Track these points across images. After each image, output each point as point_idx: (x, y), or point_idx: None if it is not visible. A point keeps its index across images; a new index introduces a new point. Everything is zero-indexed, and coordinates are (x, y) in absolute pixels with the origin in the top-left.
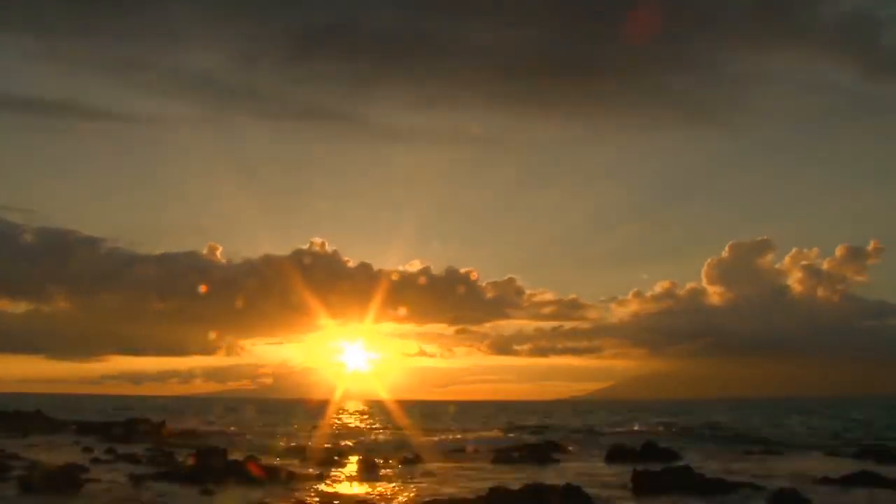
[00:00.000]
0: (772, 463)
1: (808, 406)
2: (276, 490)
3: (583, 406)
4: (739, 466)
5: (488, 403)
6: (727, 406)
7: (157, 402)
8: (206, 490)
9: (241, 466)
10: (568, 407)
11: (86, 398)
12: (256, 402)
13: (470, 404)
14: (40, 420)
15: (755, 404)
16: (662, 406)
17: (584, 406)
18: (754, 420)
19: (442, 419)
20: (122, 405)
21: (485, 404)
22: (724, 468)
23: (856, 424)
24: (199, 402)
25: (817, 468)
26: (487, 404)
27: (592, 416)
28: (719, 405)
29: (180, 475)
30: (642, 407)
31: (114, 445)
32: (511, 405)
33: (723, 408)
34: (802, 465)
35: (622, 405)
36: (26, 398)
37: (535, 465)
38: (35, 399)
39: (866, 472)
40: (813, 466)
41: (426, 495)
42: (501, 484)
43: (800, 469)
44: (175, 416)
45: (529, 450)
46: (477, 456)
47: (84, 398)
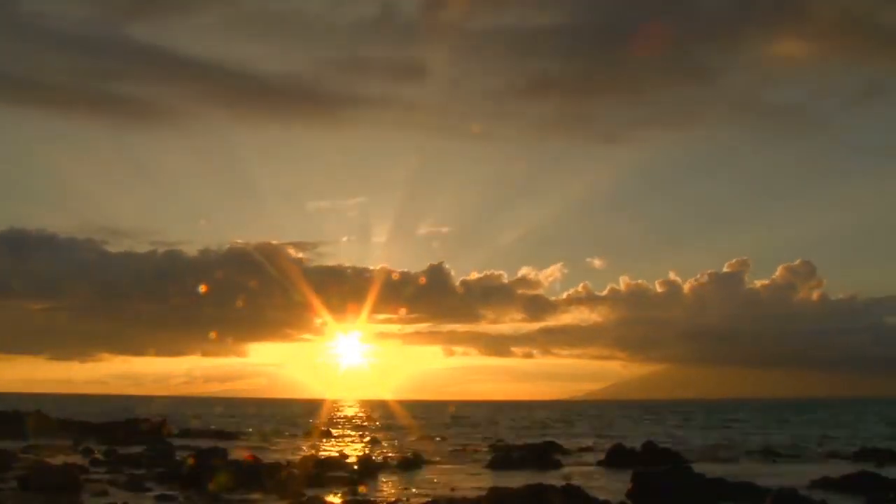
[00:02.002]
0: (772, 464)
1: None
2: (276, 490)
3: (581, 407)
4: (739, 468)
5: (489, 404)
6: (727, 406)
7: (158, 402)
8: (206, 491)
9: (242, 467)
10: (568, 407)
11: (86, 398)
12: (256, 402)
13: (470, 405)
14: (40, 420)
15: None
16: (662, 406)
17: (582, 407)
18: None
19: (442, 420)
20: (123, 405)
21: (485, 405)
22: (723, 470)
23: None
24: (199, 403)
25: (817, 469)
26: (488, 405)
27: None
28: (718, 406)
29: (180, 476)
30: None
31: (114, 446)
32: (511, 405)
33: (723, 408)
34: (802, 466)
35: (624, 405)
36: (26, 398)
37: (535, 466)
38: (35, 399)
39: (866, 472)
40: (813, 467)
41: (426, 495)
42: (501, 484)
43: (800, 470)
44: (175, 416)
45: (529, 450)
46: (477, 456)
47: (84, 398)
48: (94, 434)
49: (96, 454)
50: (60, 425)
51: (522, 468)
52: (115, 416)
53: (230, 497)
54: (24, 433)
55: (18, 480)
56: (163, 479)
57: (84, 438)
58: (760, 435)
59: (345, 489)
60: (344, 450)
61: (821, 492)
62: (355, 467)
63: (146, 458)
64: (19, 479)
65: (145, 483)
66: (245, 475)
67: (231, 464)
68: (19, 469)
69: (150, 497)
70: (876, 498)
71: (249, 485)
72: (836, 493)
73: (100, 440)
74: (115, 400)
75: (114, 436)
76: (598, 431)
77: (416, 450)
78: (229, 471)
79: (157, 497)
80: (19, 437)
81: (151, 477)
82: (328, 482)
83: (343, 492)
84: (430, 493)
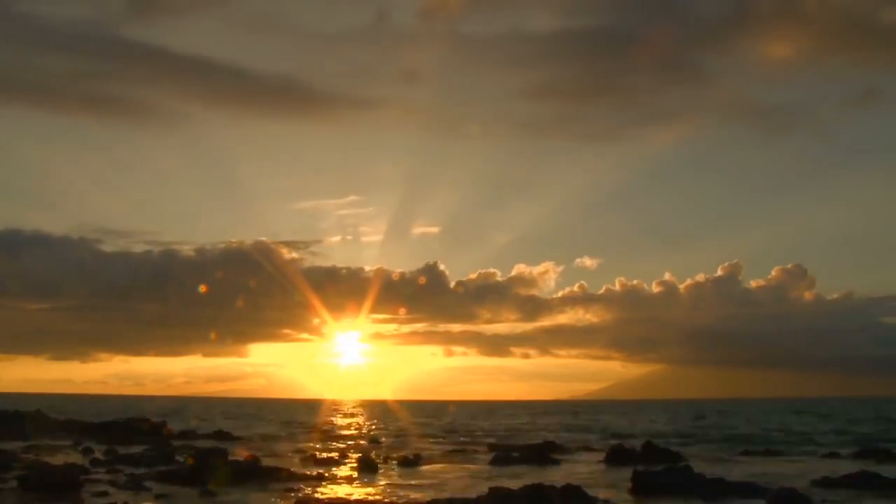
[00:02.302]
0: (772, 463)
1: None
2: (276, 490)
3: (581, 407)
4: (739, 467)
5: (488, 404)
6: (726, 407)
7: (158, 402)
8: (207, 491)
9: (242, 467)
10: (566, 408)
11: (86, 398)
12: (256, 402)
13: (469, 404)
14: (40, 420)
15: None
16: (661, 406)
17: (582, 407)
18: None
19: (441, 419)
20: (123, 405)
21: (484, 404)
22: (723, 469)
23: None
24: (200, 403)
25: (817, 469)
26: (487, 405)
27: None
28: (718, 406)
29: (180, 475)
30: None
31: (114, 446)
32: (511, 405)
33: (722, 409)
34: (802, 466)
35: (625, 406)
36: (26, 398)
37: (535, 466)
38: (35, 399)
39: (866, 472)
40: (813, 467)
41: (426, 495)
42: (501, 484)
43: (800, 469)
44: (175, 416)
45: (529, 450)
46: (476, 456)
47: (84, 398)
48: (94, 434)
49: (96, 454)
50: (60, 425)
51: (522, 468)
52: (115, 416)
53: (230, 497)
54: (25, 433)
55: (18, 480)
56: (163, 479)
57: (84, 438)
58: (760, 434)
59: (344, 488)
60: (343, 449)
61: (821, 491)
62: (355, 467)
63: (146, 458)
64: (19, 479)
65: (145, 483)
66: (245, 475)
67: (231, 463)
68: (19, 469)
69: (150, 497)
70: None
71: (249, 484)
72: (836, 492)
73: (100, 440)
74: (115, 400)
75: (114, 436)
76: (598, 431)
77: (416, 449)
78: (229, 470)
79: (157, 497)
80: (19, 437)
81: (151, 477)
82: (328, 481)
83: (343, 491)
84: (430, 493)
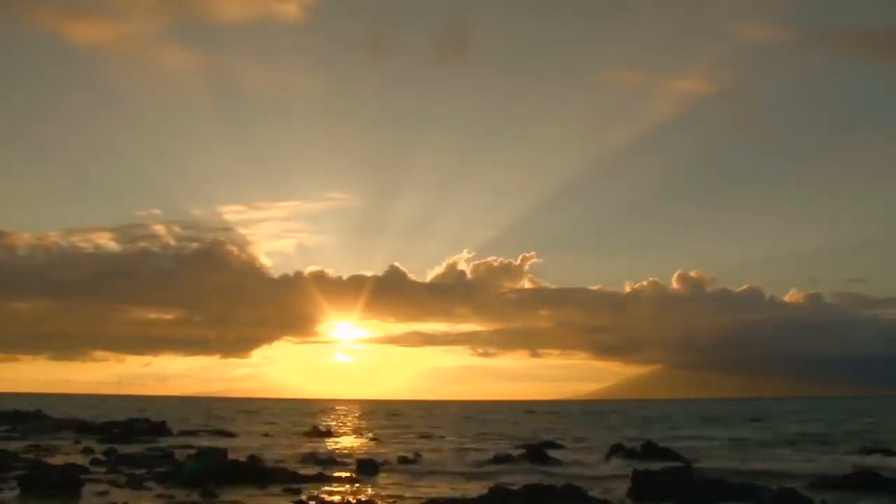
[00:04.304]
0: (773, 463)
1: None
2: (276, 490)
3: (580, 406)
4: (739, 467)
5: (487, 403)
6: (726, 407)
7: (158, 402)
8: (207, 491)
9: (242, 467)
10: (567, 407)
11: (86, 398)
12: (256, 401)
13: (469, 404)
14: (40, 420)
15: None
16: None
17: (582, 406)
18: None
19: (441, 419)
20: (123, 406)
21: (484, 404)
22: (723, 469)
23: None
24: (200, 402)
25: (818, 469)
26: (486, 404)
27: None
28: (718, 406)
29: (180, 475)
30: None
31: (114, 446)
32: (510, 405)
33: (722, 408)
34: (802, 465)
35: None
36: (26, 398)
37: (535, 466)
38: (35, 399)
39: (867, 472)
40: (813, 466)
41: (426, 495)
42: (501, 484)
43: (800, 469)
44: (175, 415)
45: (529, 450)
46: (476, 455)
47: (84, 398)
48: (94, 434)
49: (96, 454)
50: (60, 425)
51: (522, 468)
52: (115, 416)
53: (230, 497)
54: (25, 433)
55: (18, 480)
56: (163, 479)
57: (84, 438)
58: (760, 434)
59: (344, 488)
60: (343, 449)
61: (821, 491)
62: (355, 466)
63: (146, 458)
64: (19, 479)
65: (145, 483)
66: (245, 474)
67: (231, 463)
68: (19, 469)
69: (150, 497)
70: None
71: (249, 484)
72: (836, 492)
73: (100, 440)
74: (116, 400)
75: (114, 436)
76: (598, 431)
77: (416, 449)
78: (229, 470)
79: (157, 497)
80: (19, 437)
81: (151, 477)
82: (328, 481)
83: (342, 491)
84: (430, 493)
